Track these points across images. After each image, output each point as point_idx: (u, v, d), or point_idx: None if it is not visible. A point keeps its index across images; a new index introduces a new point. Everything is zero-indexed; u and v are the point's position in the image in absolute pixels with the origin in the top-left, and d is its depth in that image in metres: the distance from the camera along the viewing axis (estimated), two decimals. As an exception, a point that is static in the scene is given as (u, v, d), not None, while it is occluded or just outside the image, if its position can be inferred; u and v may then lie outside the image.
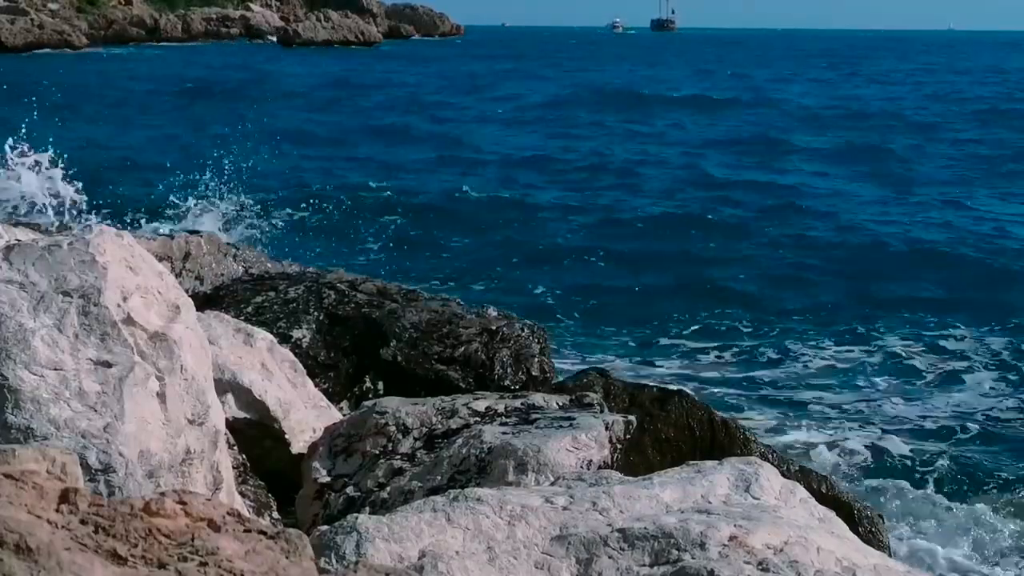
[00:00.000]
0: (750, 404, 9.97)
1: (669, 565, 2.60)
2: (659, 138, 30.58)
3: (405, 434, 4.03)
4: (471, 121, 34.28)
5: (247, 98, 38.65)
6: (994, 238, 17.56)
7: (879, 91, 50.35)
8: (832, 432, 9.29)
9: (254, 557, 1.86)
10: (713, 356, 11.48)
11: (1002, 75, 66.40)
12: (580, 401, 4.24)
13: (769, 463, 3.30)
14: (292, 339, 5.41)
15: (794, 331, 12.34)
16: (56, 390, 2.91)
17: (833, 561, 2.65)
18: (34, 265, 3.10)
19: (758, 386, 10.55)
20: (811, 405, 10.02)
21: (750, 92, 47.04)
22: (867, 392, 10.47)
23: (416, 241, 16.75)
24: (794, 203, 20.25)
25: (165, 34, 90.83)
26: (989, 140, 30.86)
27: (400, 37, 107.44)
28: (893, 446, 9.02)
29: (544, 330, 5.78)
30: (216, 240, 6.87)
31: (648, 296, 13.82)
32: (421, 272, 14.19)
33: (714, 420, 5.16)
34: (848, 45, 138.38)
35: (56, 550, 1.70)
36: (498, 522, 2.75)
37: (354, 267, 11.09)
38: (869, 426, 9.49)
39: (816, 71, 68.73)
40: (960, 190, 22.35)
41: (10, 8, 76.84)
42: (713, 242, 16.97)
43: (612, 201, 20.61)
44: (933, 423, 9.67)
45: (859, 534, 3.71)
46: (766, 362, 11.27)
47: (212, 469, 3.29)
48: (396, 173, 22.66)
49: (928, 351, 11.66)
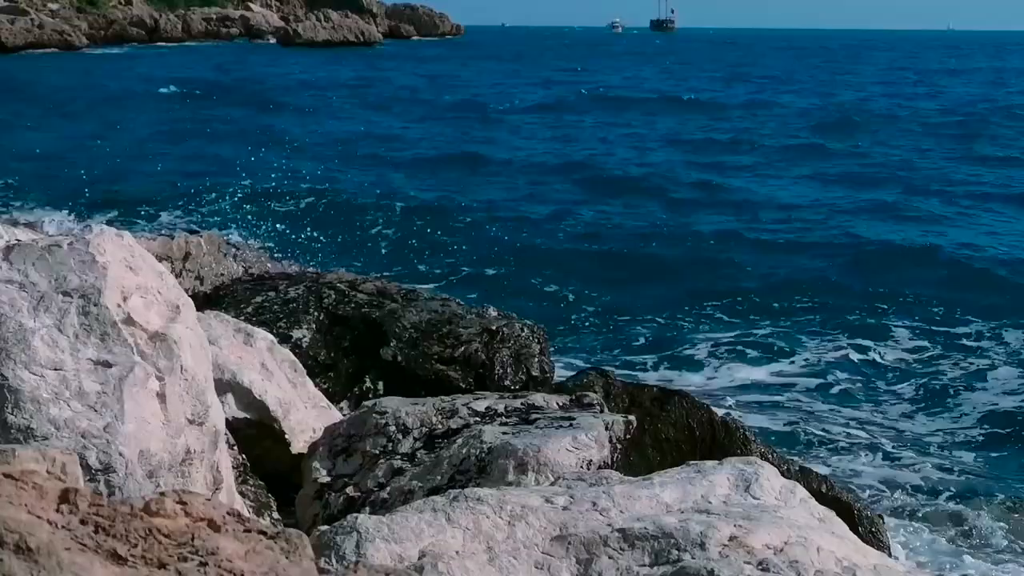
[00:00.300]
0: (750, 404, 9.97)
1: (669, 565, 2.60)
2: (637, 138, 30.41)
3: (405, 434, 4.03)
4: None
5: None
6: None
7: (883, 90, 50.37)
8: (832, 432, 9.30)
9: (254, 557, 1.86)
10: (713, 356, 11.48)
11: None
12: (580, 401, 4.24)
13: (769, 463, 3.30)
14: (292, 339, 5.41)
15: (794, 331, 12.34)
16: (56, 390, 2.91)
17: (833, 561, 2.65)
18: (34, 265, 3.10)
19: (758, 386, 10.55)
20: (812, 405, 10.02)
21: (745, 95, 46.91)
22: (867, 392, 10.47)
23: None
24: (789, 204, 20.30)
25: (165, 34, 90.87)
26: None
27: (400, 37, 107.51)
28: (893, 446, 9.02)
29: (544, 330, 5.79)
30: (216, 240, 6.87)
31: (649, 295, 13.83)
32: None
33: (714, 420, 5.17)
34: (843, 45, 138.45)
35: (56, 550, 1.70)
36: (498, 522, 2.75)
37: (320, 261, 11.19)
38: (869, 426, 9.49)
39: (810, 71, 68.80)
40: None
41: (10, 8, 76.87)
42: (705, 243, 17.00)
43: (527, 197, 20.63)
44: (934, 423, 9.67)
45: (859, 534, 3.71)
46: (766, 362, 11.27)
47: (212, 469, 3.29)
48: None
49: (928, 350, 11.66)
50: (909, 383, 10.75)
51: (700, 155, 27.01)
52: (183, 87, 43.76)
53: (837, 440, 9.10)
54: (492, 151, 27.22)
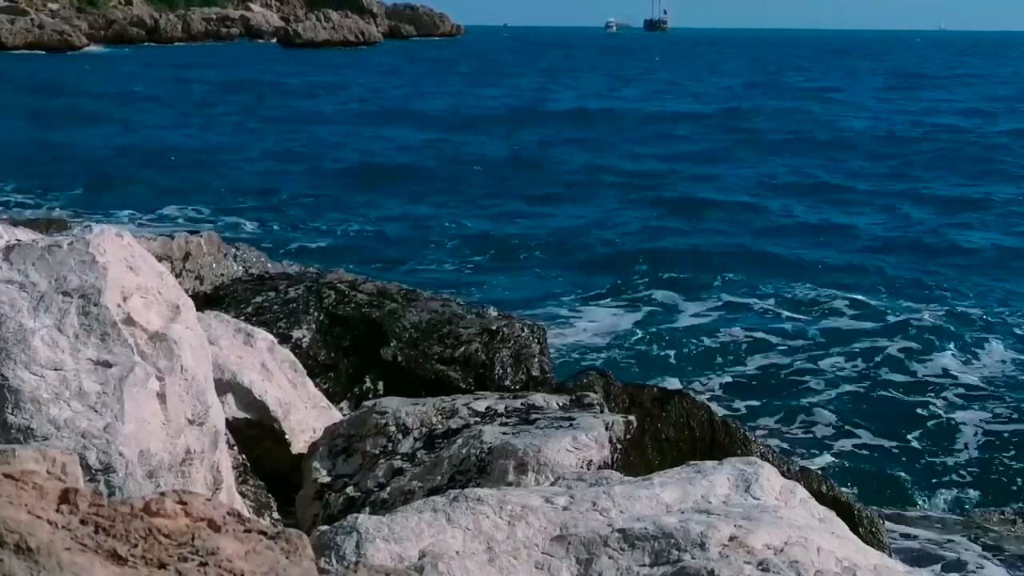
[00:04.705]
0: (750, 403, 9.97)
1: (669, 565, 2.60)
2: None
3: (405, 434, 4.03)
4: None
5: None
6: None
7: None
8: (832, 432, 9.29)
9: (254, 557, 1.86)
10: (712, 355, 11.47)
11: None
12: (580, 401, 4.24)
13: (769, 463, 3.30)
14: (292, 339, 5.41)
15: (793, 332, 12.34)
16: (56, 390, 2.91)
17: (833, 561, 2.64)
18: (34, 265, 3.10)
19: (758, 386, 10.55)
20: (812, 405, 10.02)
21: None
22: (868, 392, 10.47)
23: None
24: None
25: (165, 34, 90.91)
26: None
27: (400, 37, 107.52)
28: (894, 446, 9.03)
29: (544, 330, 5.78)
30: (216, 240, 6.86)
31: (646, 296, 13.83)
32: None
33: (714, 420, 5.16)
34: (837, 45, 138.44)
35: (56, 550, 1.70)
36: (498, 522, 2.75)
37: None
38: (869, 426, 9.49)
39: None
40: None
41: (10, 8, 76.85)
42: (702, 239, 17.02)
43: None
44: (934, 423, 9.66)
45: (859, 534, 3.71)
46: (765, 361, 11.27)
47: (212, 469, 3.28)
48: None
49: (928, 350, 11.66)
50: (910, 382, 10.75)
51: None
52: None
53: (837, 440, 9.10)
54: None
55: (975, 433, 9.44)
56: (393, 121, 35.00)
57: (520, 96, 46.46)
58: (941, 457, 8.84)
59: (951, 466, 8.64)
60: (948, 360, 11.39)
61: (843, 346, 11.79)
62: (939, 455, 8.88)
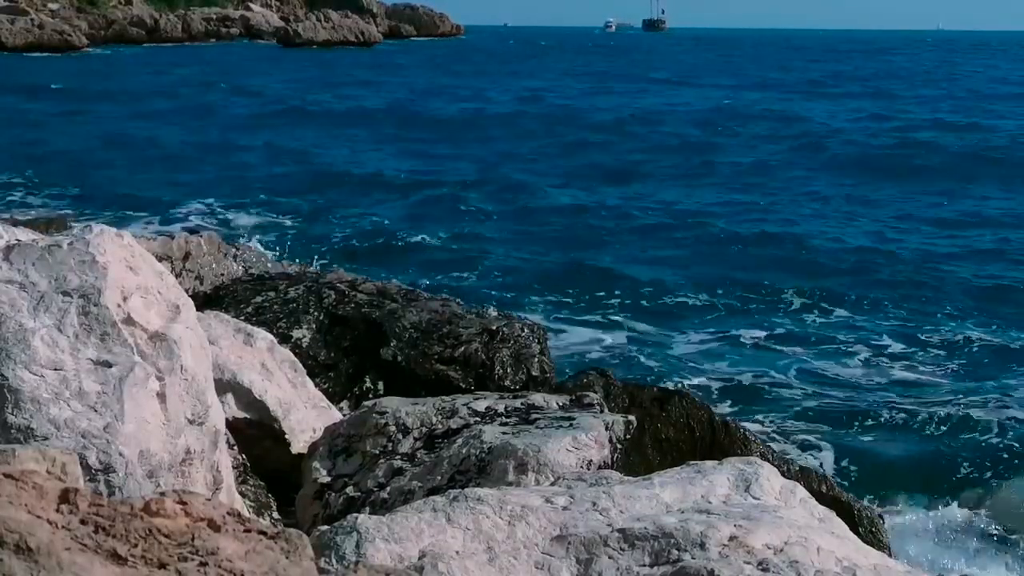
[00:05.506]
0: (750, 403, 9.97)
1: (669, 565, 2.60)
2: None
3: (405, 434, 4.03)
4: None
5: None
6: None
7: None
8: (832, 432, 9.29)
9: (254, 557, 1.86)
10: (712, 355, 11.48)
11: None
12: (580, 401, 4.23)
13: (769, 463, 3.30)
14: (292, 339, 5.41)
15: (794, 331, 12.34)
16: (56, 390, 2.91)
17: (833, 561, 2.64)
18: (34, 265, 3.10)
19: (758, 386, 10.55)
20: (812, 405, 10.02)
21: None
22: (868, 392, 10.47)
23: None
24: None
25: (165, 34, 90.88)
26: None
27: (400, 37, 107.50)
28: (894, 445, 9.02)
29: (544, 330, 5.78)
30: (216, 240, 6.87)
31: (645, 295, 13.83)
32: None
33: (714, 420, 5.17)
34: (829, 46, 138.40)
35: (56, 550, 1.70)
36: (498, 522, 2.75)
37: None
38: (869, 426, 9.49)
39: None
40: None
41: (10, 8, 76.86)
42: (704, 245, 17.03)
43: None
44: (935, 423, 9.66)
45: (859, 534, 3.71)
46: (765, 361, 11.27)
47: (212, 469, 3.28)
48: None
49: (927, 349, 11.66)
50: (910, 383, 10.75)
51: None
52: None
53: (837, 440, 9.10)
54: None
55: (975, 433, 9.44)
56: (393, 122, 35.01)
57: (520, 96, 46.32)
58: (941, 457, 8.83)
59: (951, 466, 8.64)
60: (948, 360, 11.39)
61: (843, 346, 11.80)
62: (939, 455, 8.88)
